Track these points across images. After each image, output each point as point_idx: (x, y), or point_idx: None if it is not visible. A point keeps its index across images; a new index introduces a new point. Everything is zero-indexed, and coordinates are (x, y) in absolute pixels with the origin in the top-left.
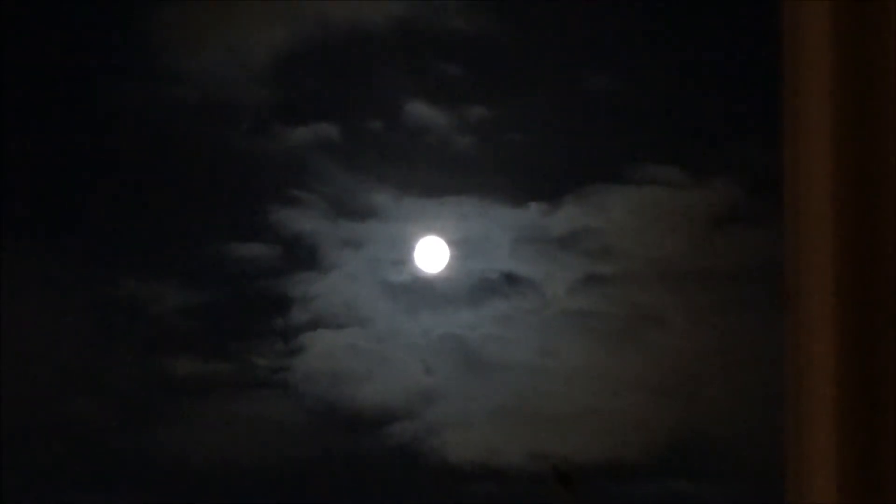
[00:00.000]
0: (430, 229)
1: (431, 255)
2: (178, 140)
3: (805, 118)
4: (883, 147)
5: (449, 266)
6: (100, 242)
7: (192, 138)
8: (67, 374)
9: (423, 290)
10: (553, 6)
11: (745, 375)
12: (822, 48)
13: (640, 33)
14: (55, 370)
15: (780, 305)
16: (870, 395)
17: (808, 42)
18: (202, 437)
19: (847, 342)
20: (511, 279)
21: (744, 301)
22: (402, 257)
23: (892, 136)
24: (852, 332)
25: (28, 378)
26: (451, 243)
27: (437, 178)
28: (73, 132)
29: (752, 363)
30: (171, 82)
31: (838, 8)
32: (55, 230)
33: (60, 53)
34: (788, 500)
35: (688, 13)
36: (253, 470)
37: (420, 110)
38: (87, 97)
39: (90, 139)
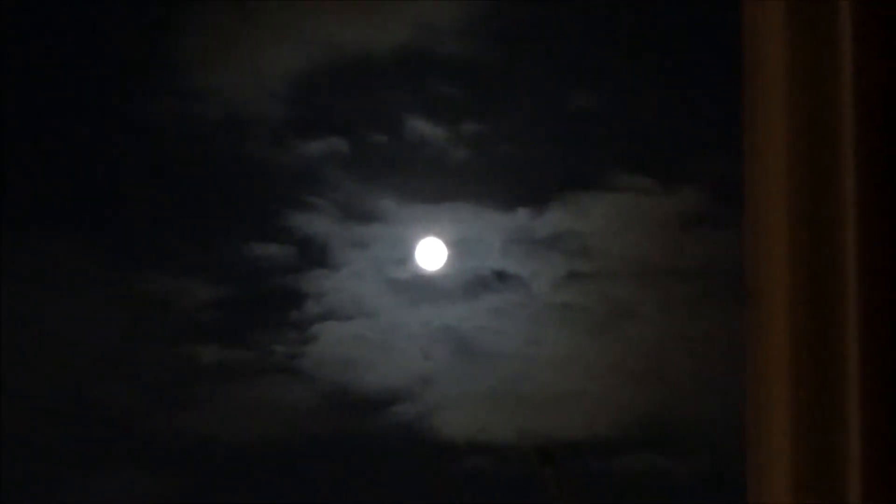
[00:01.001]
0: (429, 231)
1: (430, 254)
2: (203, 152)
3: (763, 132)
4: (833, 159)
5: (446, 264)
6: (133, 243)
7: (215, 150)
8: (103, 362)
9: (422, 286)
10: (539, 33)
11: (709, 362)
12: (779, 71)
13: (617, 57)
14: (92, 358)
15: (742, 300)
16: (822, 382)
17: (765, 65)
18: (225, 418)
19: (801, 334)
20: (501, 276)
21: (709, 296)
22: (404, 256)
23: (842, 148)
24: (806, 325)
25: (67, 365)
26: (448, 244)
27: (436, 185)
28: (111, 147)
29: (716, 351)
30: (197, 100)
31: (793, 35)
32: (93, 231)
33: (103, 75)
34: (749, 474)
35: (658, 40)
36: (271, 446)
37: (420, 125)
38: (123, 113)
39: (126, 153)
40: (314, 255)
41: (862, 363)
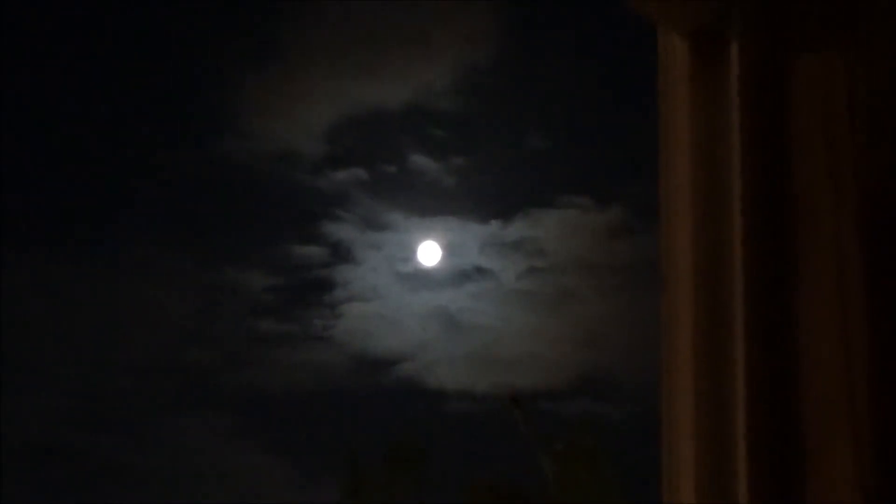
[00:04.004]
0: (427, 237)
1: (428, 254)
2: (260, 178)
3: (673, 164)
4: (725, 180)
5: (440, 261)
6: (210, 245)
7: (270, 177)
8: (186, 333)
9: (422, 277)
10: (507, 92)
11: (633, 333)
12: (683, 120)
13: (563, 111)
14: (178, 329)
15: (658, 287)
16: (717, 345)
17: (674, 116)
18: (277, 373)
19: (701, 312)
20: (480, 270)
21: (633, 284)
22: (408, 255)
23: (732, 172)
24: (705, 306)
25: (163, 334)
26: (441, 246)
27: (432, 203)
28: (193, 176)
29: (637, 325)
30: (256, 139)
31: (695, 92)
32: (182, 238)
33: (192, 122)
34: (662, 421)
35: (593, 100)
36: (311, 395)
37: (420, 160)
38: (206, 151)
39: (205, 180)
40: (342, 254)
41: (746, 337)
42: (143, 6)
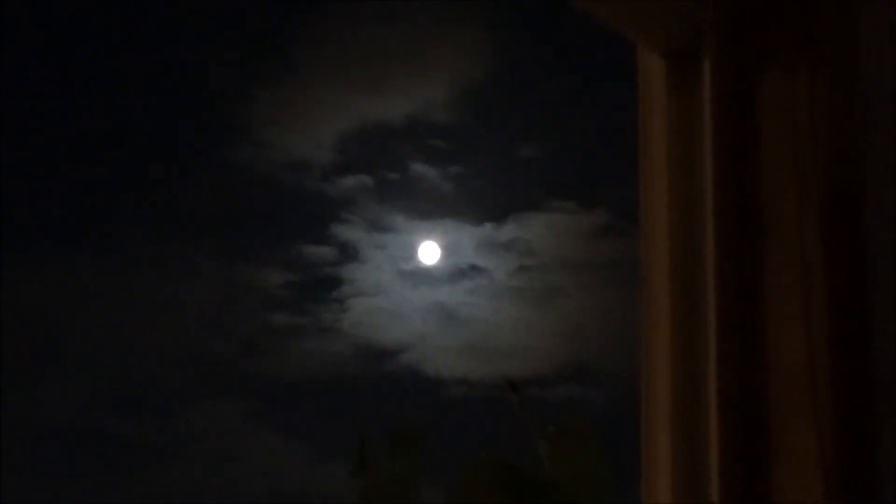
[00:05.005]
0: (426, 238)
1: (428, 253)
2: (274, 184)
3: (652, 171)
4: (698, 187)
5: (438, 260)
6: (229, 245)
7: (283, 184)
8: (209, 325)
9: (422, 275)
10: (500, 105)
11: (615, 326)
12: (661, 131)
13: (551, 122)
14: (202, 322)
15: (638, 284)
16: (691, 336)
17: (653, 127)
18: (291, 362)
19: (677, 309)
20: (475, 268)
21: (614, 282)
22: (410, 255)
23: (703, 181)
24: (681, 303)
25: (182, 327)
26: (440, 246)
27: (431, 207)
28: (210, 182)
29: (619, 319)
30: (271, 149)
31: (670, 104)
32: (203, 238)
33: (214, 132)
34: (642, 421)
35: (578, 111)
36: (321, 382)
37: (420, 168)
38: (224, 159)
39: (225, 187)
40: (349, 253)
41: (718, 333)
42: (168, 29)
